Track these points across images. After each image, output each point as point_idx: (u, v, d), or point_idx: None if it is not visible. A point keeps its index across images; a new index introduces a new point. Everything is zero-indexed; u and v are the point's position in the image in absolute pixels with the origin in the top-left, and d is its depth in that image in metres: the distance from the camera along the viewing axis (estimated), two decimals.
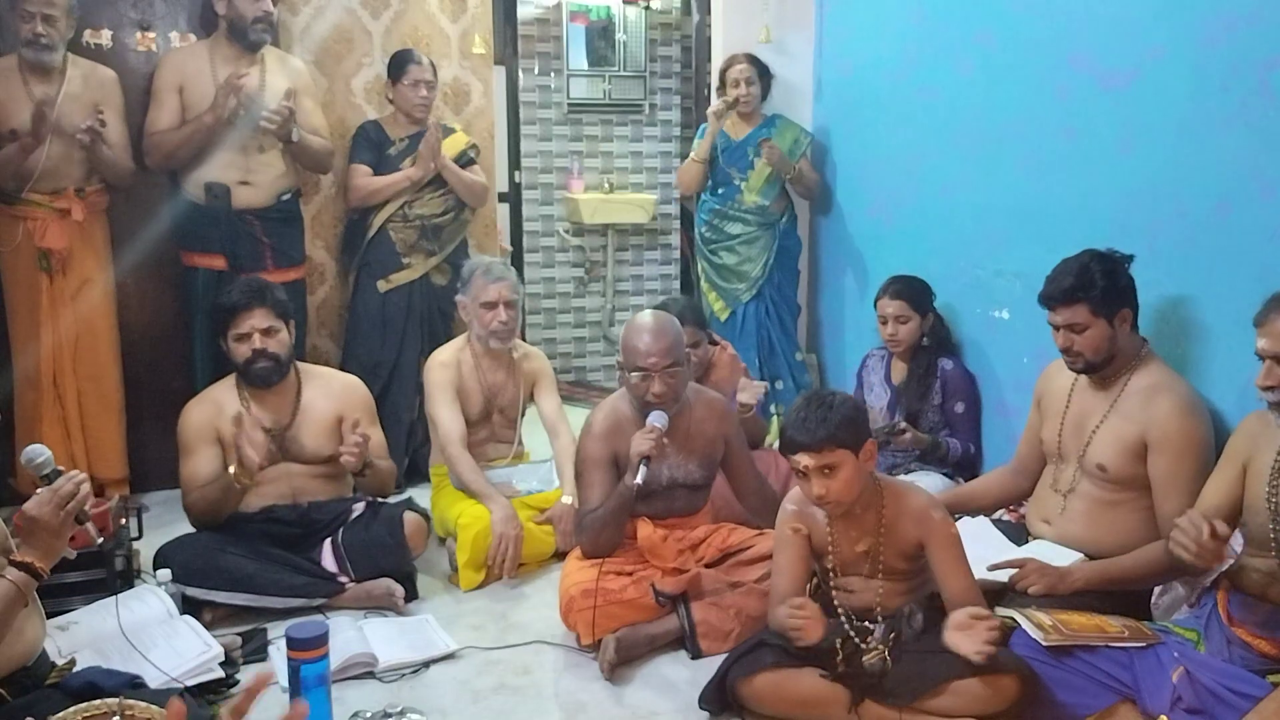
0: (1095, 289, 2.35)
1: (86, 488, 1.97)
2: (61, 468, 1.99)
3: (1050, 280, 2.43)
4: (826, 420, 2.14)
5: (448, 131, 3.90)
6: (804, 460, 2.17)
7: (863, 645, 2.20)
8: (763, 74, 4.04)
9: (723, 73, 4.05)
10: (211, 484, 2.81)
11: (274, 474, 2.92)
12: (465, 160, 3.92)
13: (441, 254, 3.88)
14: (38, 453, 2.01)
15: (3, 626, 1.87)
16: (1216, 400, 2.42)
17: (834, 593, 2.34)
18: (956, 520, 2.64)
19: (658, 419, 2.61)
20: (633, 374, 2.65)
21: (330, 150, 3.79)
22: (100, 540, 2.18)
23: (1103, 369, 2.45)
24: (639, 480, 2.54)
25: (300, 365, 3.08)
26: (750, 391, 3.23)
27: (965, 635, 2.06)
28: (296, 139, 3.55)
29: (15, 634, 1.93)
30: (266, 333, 2.88)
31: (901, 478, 2.89)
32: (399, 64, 3.78)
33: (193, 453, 2.88)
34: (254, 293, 2.90)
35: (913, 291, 3.31)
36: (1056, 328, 2.43)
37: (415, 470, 3.81)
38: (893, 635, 2.20)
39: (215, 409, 2.92)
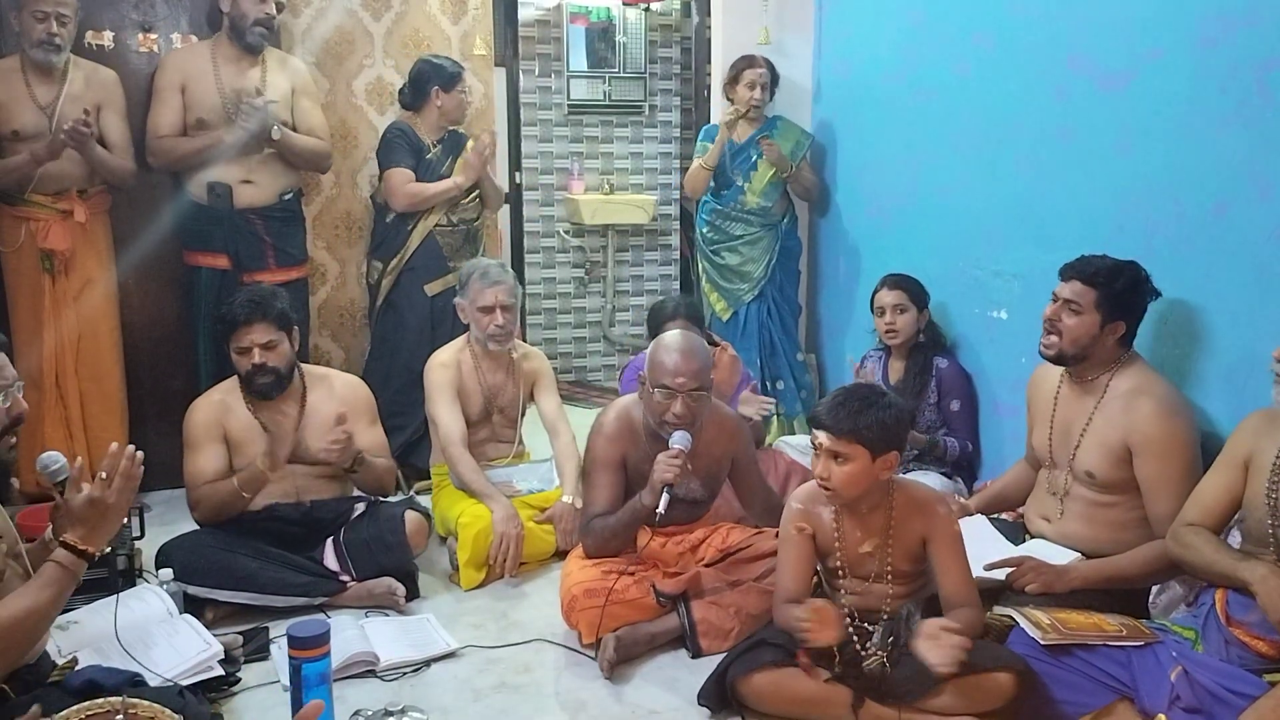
0: (1113, 285, 2.38)
1: (140, 455, 1.98)
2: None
3: (1082, 258, 2.45)
4: (860, 415, 2.16)
5: (465, 139, 3.94)
6: (820, 438, 2.19)
7: (862, 650, 2.21)
8: (774, 80, 4.04)
9: (738, 72, 4.01)
10: (225, 480, 2.85)
11: (278, 473, 2.92)
12: None
13: (477, 256, 3.88)
14: (53, 459, 2.02)
15: (54, 611, 1.88)
16: (1214, 400, 2.43)
17: (838, 594, 2.35)
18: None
19: (681, 440, 2.58)
20: (656, 390, 2.62)
21: (327, 151, 3.78)
22: (109, 550, 2.18)
23: (1071, 363, 2.46)
24: (661, 510, 2.52)
25: (304, 368, 3.07)
26: (754, 407, 3.24)
27: (933, 645, 2.06)
28: (278, 136, 3.52)
29: None
30: (266, 347, 2.85)
31: (904, 476, 2.89)
32: (451, 75, 3.79)
33: (198, 450, 2.89)
34: (255, 306, 2.85)
35: (910, 284, 3.35)
36: (1055, 300, 2.45)
37: None
38: (891, 638, 2.21)
39: (222, 408, 2.93)
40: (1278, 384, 1.94)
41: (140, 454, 1.99)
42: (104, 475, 1.93)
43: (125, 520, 2.89)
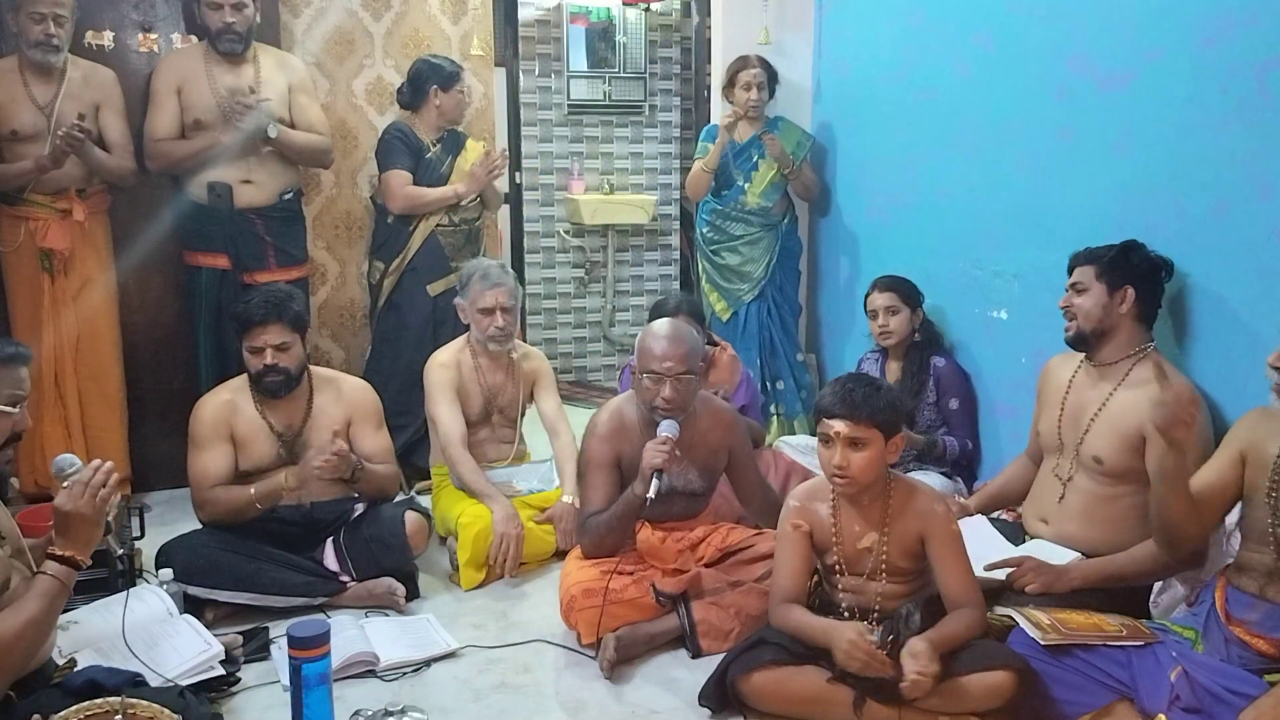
0: (1107, 256, 2.45)
1: (116, 476, 2.00)
2: None
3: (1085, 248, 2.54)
4: (873, 398, 2.20)
5: (464, 138, 3.95)
6: (838, 427, 2.20)
7: None
8: (771, 78, 4.03)
9: (733, 74, 4.01)
10: (241, 489, 2.85)
11: (281, 476, 2.93)
12: None
13: (478, 255, 3.89)
14: (68, 462, 2.04)
15: (50, 620, 1.89)
16: (1214, 400, 2.42)
17: (838, 592, 2.35)
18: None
19: (668, 429, 2.59)
20: (645, 376, 2.64)
21: (327, 146, 3.77)
22: (122, 552, 2.19)
23: (1093, 344, 2.48)
24: (651, 495, 2.53)
25: (312, 370, 3.06)
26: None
27: (909, 661, 2.07)
28: (274, 134, 3.51)
29: None
30: (279, 348, 2.85)
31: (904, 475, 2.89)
32: (449, 74, 3.80)
33: (204, 448, 2.89)
34: (271, 307, 2.85)
35: (902, 285, 3.36)
36: (1068, 289, 2.53)
37: None
38: (891, 636, 2.21)
39: (230, 407, 2.93)
40: (1274, 390, 1.95)
41: (116, 474, 2.01)
42: (65, 485, 1.96)
43: (126, 520, 2.91)
